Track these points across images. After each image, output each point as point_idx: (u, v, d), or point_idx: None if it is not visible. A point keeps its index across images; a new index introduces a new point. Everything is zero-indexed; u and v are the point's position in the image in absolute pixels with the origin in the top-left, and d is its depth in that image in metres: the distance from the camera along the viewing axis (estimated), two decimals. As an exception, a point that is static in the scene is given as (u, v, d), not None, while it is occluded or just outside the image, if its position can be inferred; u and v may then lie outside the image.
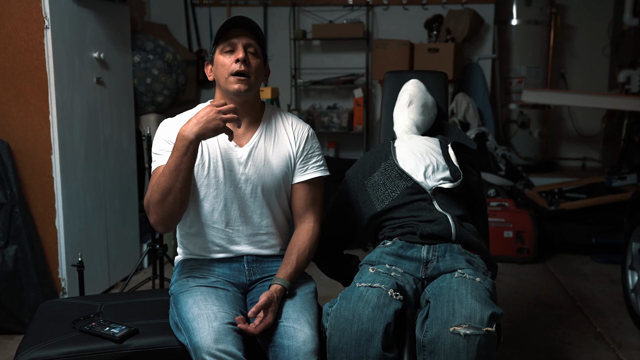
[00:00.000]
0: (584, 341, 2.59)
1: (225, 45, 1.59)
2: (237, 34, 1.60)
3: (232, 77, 1.57)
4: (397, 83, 2.16)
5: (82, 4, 2.81)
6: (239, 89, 1.57)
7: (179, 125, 1.61)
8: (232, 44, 1.59)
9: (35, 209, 2.69)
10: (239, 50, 1.58)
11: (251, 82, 1.59)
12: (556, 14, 5.10)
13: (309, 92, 4.94)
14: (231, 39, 1.59)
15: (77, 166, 2.81)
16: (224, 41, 1.59)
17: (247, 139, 1.65)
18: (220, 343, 1.36)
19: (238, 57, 1.56)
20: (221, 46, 1.60)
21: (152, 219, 1.52)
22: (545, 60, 5.13)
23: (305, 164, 1.67)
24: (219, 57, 1.61)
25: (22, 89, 2.64)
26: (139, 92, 3.41)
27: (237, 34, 1.60)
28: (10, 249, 2.54)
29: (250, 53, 1.60)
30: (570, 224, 3.89)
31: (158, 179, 1.49)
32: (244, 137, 1.65)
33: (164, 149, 1.60)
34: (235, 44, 1.59)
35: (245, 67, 1.57)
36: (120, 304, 1.76)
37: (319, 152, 1.71)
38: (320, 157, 1.71)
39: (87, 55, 2.88)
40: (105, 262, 3.08)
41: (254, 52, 1.61)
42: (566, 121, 5.59)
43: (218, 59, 1.61)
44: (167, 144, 1.60)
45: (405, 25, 4.73)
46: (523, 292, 3.20)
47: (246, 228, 1.64)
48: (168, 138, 1.61)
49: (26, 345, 1.49)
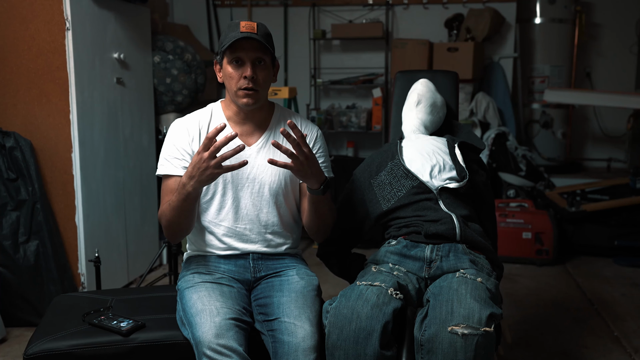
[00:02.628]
0: (600, 345, 2.55)
1: (234, 57, 1.57)
2: (246, 46, 1.56)
3: (240, 92, 1.59)
4: (407, 83, 2.16)
5: (102, 5, 2.88)
6: (247, 104, 1.60)
7: (189, 127, 1.66)
8: (241, 56, 1.57)
9: (56, 206, 2.77)
10: (247, 67, 1.56)
11: (259, 96, 1.62)
12: (581, 12, 5.01)
13: (329, 92, 4.96)
14: (239, 52, 1.56)
15: (97, 164, 2.88)
16: (233, 52, 1.57)
17: (255, 139, 1.68)
18: (221, 338, 1.39)
19: (246, 75, 1.56)
20: (230, 56, 1.58)
21: (163, 231, 1.64)
22: (569, 59, 5.04)
23: None
24: (227, 66, 1.60)
25: (45, 89, 2.72)
26: (159, 91, 3.47)
27: (246, 46, 1.56)
28: (31, 244, 2.62)
29: (259, 65, 1.59)
30: (592, 225, 3.82)
31: (165, 210, 1.58)
32: (252, 137, 1.68)
33: (172, 155, 1.63)
34: (244, 57, 1.56)
35: (253, 83, 1.58)
36: (131, 298, 1.81)
37: (325, 154, 1.73)
38: (326, 158, 1.72)
39: (107, 56, 2.95)
40: (125, 258, 3.15)
41: (262, 61, 1.60)
42: (591, 121, 5.48)
43: (226, 69, 1.60)
44: (176, 150, 1.63)
45: (425, 24, 4.70)
46: (540, 294, 3.16)
47: (253, 226, 1.66)
48: (178, 144, 1.64)
49: (37, 337, 1.54)
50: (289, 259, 1.72)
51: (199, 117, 1.69)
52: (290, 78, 4.95)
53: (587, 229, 3.81)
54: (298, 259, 1.76)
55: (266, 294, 1.59)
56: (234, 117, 1.68)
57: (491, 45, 4.72)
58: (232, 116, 1.68)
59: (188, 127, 1.66)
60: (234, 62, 1.58)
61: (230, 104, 1.68)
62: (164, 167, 1.65)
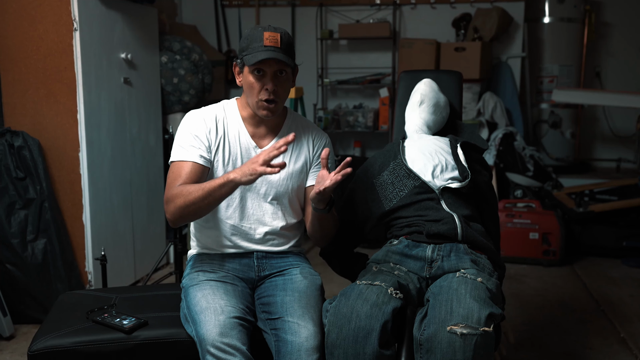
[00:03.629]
0: (605, 346, 2.53)
1: (256, 68, 1.57)
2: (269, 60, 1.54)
3: (260, 103, 1.59)
4: (411, 82, 2.16)
5: (110, 6, 2.91)
6: (266, 115, 1.62)
7: (205, 118, 1.65)
8: (264, 68, 1.56)
9: (63, 204, 2.80)
10: (269, 80, 1.56)
11: (278, 107, 1.62)
12: (590, 11, 4.97)
13: (336, 92, 4.96)
14: (262, 64, 1.55)
15: (104, 163, 2.91)
16: (255, 64, 1.56)
17: (267, 141, 1.69)
18: (225, 336, 1.40)
19: (267, 88, 1.56)
20: (251, 67, 1.57)
21: (168, 215, 1.57)
22: (578, 59, 5.00)
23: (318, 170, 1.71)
24: (248, 75, 1.59)
25: (53, 89, 2.75)
26: (166, 91, 3.50)
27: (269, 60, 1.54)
28: (39, 242, 2.65)
29: (280, 76, 1.59)
30: (601, 226, 3.79)
31: (189, 189, 1.50)
32: (264, 139, 1.69)
33: (189, 143, 1.61)
34: (266, 68, 1.56)
35: (274, 95, 1.58)
36: (135, 296, 1.83)
37: (333, 161, 1.74)
38: (333, 165, 1.71)
39: (114, 56, 2.97)
40: (132, 257, 3.17)
41: (285, 74, 1.59)
42: (601, 121, 5.44)
43: (247, 77, 1.59)
44: (194, 138, 1.61)
45: (432, 24, 4.69)
46: (546, 295, 3.15)
47: (258, 226, 1.68)
48: (195, 132, 1.62)
49: (41, 334, 1.57)
50: (292, 258, 1.73)
51: (215, 111, 1.68)
52: (297, 78, 4.92)
53: (595, 230, 3.79)
54: (302, 257, 1.77)
55: (270, 292, 1.61)
56: (248, 118, 1.69)
57: (499, 45, 4.70)
58: (247, 118, 1.69)
59: (205, 118, 1.65)
60: (256, 72, 1.58)
61: (246, 106, 1.68)
62: (183, 152, 1.60)
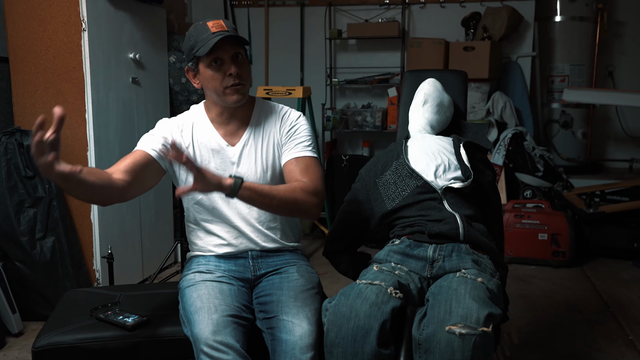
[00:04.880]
0: (612, 348, 2.50)
1: (211, 60, 1.56)
2: (220, 44, 1.54)
3: (227, 90, 1.59)
4: (416, 82, 2.15)
5: (118, 7, 2.93)
6: (237, 100, 1.61)
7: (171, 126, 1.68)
8: (218, 56, 1.56)
9: (72, 203, 2.83)
10: (229, 65, 1.56)
11: (246, 89, 1.63)
12: (603, 9, 4.91)
13: (344, 91, 4.96)
14: (217, 52, 1.55)
15: (111, 162, 2.86)
16: (210, 55, 1.55)
17: (238, 137, 1.68)
18: (218, 335, 1.40)
19: (231, 72, 1.56)
20: (207, 60, 1.56)
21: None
22: (590, 58, 4.95)
23: (288, 146, 1.66)
24: (206, 70, 1.58)
25: (61, 88, 2.78)
26: (175, 91, 3.52)
27: (220, 44, 1.54)
28: (48, 240, 2.68)
29: (238, 60, 1.59)
30: (611, 227, 3.75)
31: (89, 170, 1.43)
32: (235, 136, 1.68)
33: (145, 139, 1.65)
34: (222, 55, 1.56)
35: (239, 79, 1.58)
36: (138, 294, 1.84)
37: (307, 135, 1.68)
38: (309, 139, 1.68)
39: (123, 56, 3.00)
40: (139, 256, 3.20)
41: (240, 56, 1.60)
42: (614, 121, 5.37)
43: (206, 72, 1.58)
44: (152, 136, 1.66)
45: (442, 23, 4.67)
46: (554, 296, 3.12)
47: (247, 223, 1.67)
48: (156, 132, 1.67)
49: (45, 331, 1.58)
50: (288, 255, 1.72)
51: (183, 119, 1.71)
52: (306, 77, 4.96)
53: (606, 231, 3.75)
54: (299, 254, 1.76)
55: (267, 292, 1.60)
56: (217, 118, 1.69)
57: (509, 44, 4.66)
58: (216, 117, 1.69)
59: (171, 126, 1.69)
60: (213, 64, 1.57)
61: (212, 107, 1.68)
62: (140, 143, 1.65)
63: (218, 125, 1.69)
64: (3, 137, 2.65)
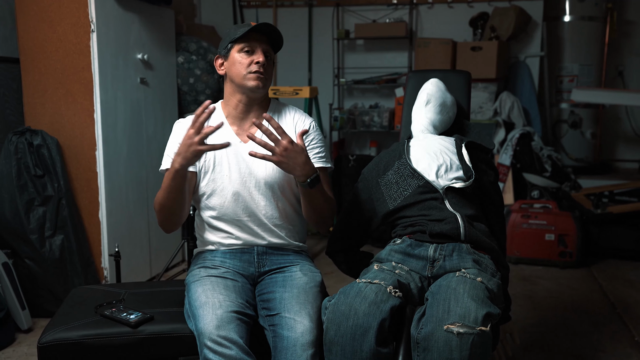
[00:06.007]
0: (617, 350, 2.50)
1: (245, 45, 1.68)
2: (258, 37, 1.69)
3: (250, 74, 1.66)
4: (419, 82, 2.16)
5: (127, 8, 2.97)
6: (257, 86, 1.67)
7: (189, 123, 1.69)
8: (252, 46, 1.67)
9: (80, 202, 2.87)
10: (259, 54, 1.67)
11: (267, 84, 1.70)
12: (612, 9, 4.88)
13: (352, 91, 4.97)
14: (252, 41, 1.68)
15: (120, 162, 2.97)
16: (245, 41, 1.68)
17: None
18: (221, 330, 1.43)
19: (259, 60, 1.66)
20: (240, 45, 1.68)
21: (158, 221, 1.69)
22: (599, 58, 4.92)
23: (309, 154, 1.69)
24: (236, 55, 1.68)
25: (71, 88, 2.82)
26: (183, 91, 3.55)
27: (258, 37, 1.69)
28: (57, 238, 2.72)
29: (267, 58, 1.70)
30: (620, 228, 3.73)
31: (158, 195, 1.63)
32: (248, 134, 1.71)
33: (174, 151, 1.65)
34: (255, 46, 1.68)
35: (263, 70, 1.67)
36: (143, 292, 1.87)
37: (321, 145, 1.76)
38: (323, 149, 1.76)
39: (131, 57, 3.03)
40: (147, 254, 3.23)
41: (270, 58, 1.71)
42: (623, 121, 5.34)
43: (235, 57, 1.68)
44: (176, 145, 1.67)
45: (449, 23, 4.67)
46: (560, 297, 3.11)
47: (254, 220, 1.71)
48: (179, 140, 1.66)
49: (51, 327, 1.62)
50: (293, 255, 1.75)
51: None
52: (313, 78, 4.98)
53: (614, 232, 3.73)
54: (303, 255, 1.79)
55: (269, 289, 1.63)
56: (232, 112, 1.74)
57: (517, 44, 4.65)
58: (231, 111, 1.74)
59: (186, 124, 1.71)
60: (244, 52, 1.68)
61: (229, 100, 1.74)
62: (165, 163, 1.73)
63: (232, 121, 1.74)
64: (14, 137, 2.70)
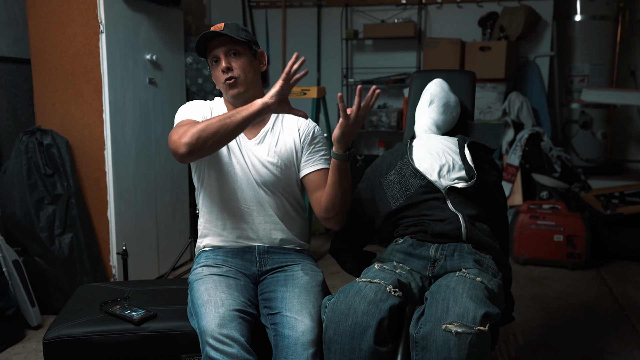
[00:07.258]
0: (625, 351, 2.48)
1: (210, 57, 1.71)
2: (215, 43, 1.69)
3: (224, 85, 1.69)
4: (423, 83, 2.16)
5: (136, 9, 3.00)
6: (233, 94, 1.70)
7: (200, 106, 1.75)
8: (214, 55, 1.69)
9: (89, 201, 2.91)
10: (222, 60, 1.68)
11: (242, 81, 1.69)
12: (624, 8, 4.84)
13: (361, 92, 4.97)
14: (212, 50, 1.70)
15: (128, 161, 3.00)
16: (208, 54, 1.71)
17: (254, 134, 1.75)
18: (223, 328, 1.44)
19: (222, 69, 1.68)
20: (208, 57, 1.72)
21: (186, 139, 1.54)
22: (611, 58, 4.87)
23: (313, 157, 1.76)
24: (211, 69, 1.73)
25: (80, 89, 2.85)
26: (191, 91, 3.58)
27: (215, 43, 1.69)
28: (66, 236, 2.76)
29: (233, 56, 1.69)
30: (630, 229, 3.70)
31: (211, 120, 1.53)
32: (251, 132, 1.75)
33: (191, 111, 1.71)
34: (217, 53, 1.69)
35: (230, 73, 1.68)
36: (148, 290, 1.89)
37: (326, 147, 1.80)
38: (328, 151, 1.79)
39: (140, 57, 3.06)
40: (155, 253, 3.26)
41: (236, 53, 1.69)
42: (635, 121, 5.28)
43: (211, 71, 1.74)
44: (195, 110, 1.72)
45: (458, 23, 4.66)
46: (568, 298, 3.09)
47: (257, 217, 1.73)
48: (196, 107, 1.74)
49: (56, 323, 1.64)
50: (294, 255, 1.76)
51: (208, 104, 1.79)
52: (322, 78, 4.99)
53: (625, 233, 3.69)
54: (305, 254, 1.80)
55: (271, 288, 1.64)
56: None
57: (527, 44, 4.62)
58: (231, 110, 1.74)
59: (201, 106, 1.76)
60: (213, 62, 1.71)
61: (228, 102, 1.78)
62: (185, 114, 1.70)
63: None
64: (24, 137, 2.74)
